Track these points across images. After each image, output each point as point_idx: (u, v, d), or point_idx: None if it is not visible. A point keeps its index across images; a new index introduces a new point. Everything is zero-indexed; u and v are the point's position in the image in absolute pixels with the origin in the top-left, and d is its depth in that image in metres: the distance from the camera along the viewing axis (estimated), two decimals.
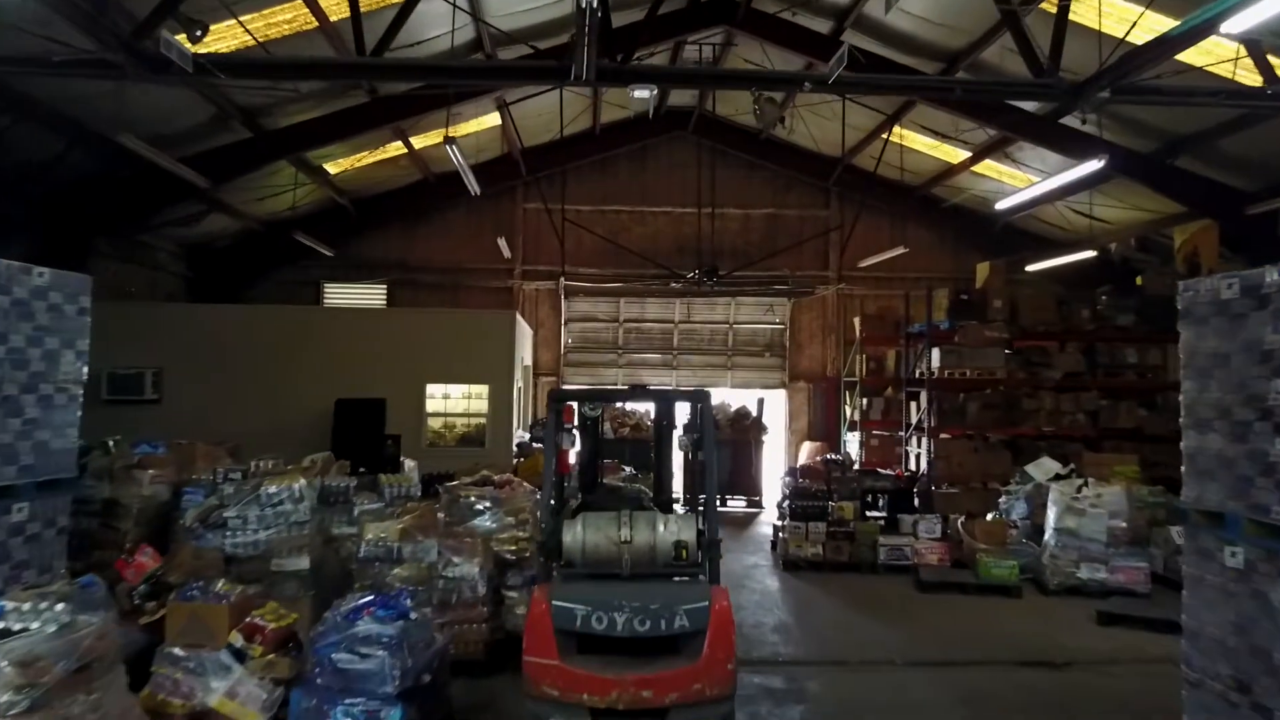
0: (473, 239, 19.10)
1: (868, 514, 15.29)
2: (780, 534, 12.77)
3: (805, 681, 7.74)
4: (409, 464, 10.61)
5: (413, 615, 6.07)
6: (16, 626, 4.69)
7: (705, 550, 5.92)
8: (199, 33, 8.73)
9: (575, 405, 7.18)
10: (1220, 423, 5.47)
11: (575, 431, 6.63)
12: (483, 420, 14.25)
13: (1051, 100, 10.73)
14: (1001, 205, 14.09)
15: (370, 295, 19.76)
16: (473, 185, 14.38)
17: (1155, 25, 9.60)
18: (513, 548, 8.06)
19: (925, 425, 15.51)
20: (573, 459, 7.64)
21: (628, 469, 12.72)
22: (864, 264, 18.48)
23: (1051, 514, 11.11)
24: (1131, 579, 10.68)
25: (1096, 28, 10.13)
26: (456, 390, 14.44)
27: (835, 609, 10.42)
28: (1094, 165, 11.64)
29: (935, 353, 15.40)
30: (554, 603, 5.42)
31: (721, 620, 5.50)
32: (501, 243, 16.38)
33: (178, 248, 18.11)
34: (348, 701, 5.73)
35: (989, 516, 12.69)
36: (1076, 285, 17.52)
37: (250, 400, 13.75)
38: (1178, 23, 8.63)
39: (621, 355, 20.19)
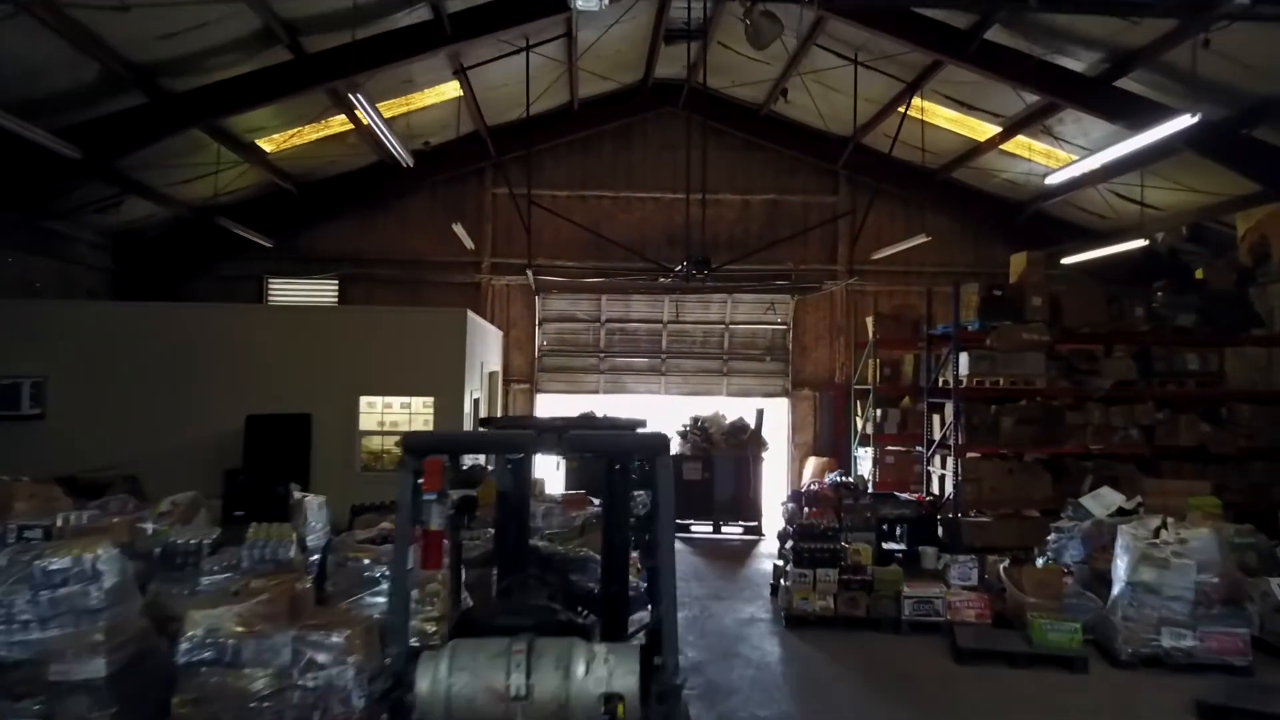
0: (435, 229, 16.89)
1: (884, 545, 13.15)
2: (782, 580, 10.53)
3: None
4: (312, 503, 8.37)
5: None
6: None
7: (658, 706, 3.60)
8: None
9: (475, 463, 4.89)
10: None
11: (443, 500, 4.24)
12: None
13: (1163, 14, 8.49)
14: (1053, 179, 11.83)
15: (320, 292, 17.57)
16: (403, 157, 12.25)
17: None
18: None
19: (951, 442, 13.26)
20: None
21: (596, 503, 10.48)
22: (878, 256, 16.24)
23: (1122, 563, 8.85)
24: (1227, 648, 8.43)
25: None
26: (398, 403, 12.21)
27: (852, 691, 8.17)
28: (1184, 121, 9.37)
29: (963, 358, 13.14)
30: None
31: None
32: (459, 230, 14.16)
33: (99, 237, 15.92)
34: None
35: (1039, 561, 10.43)
36: (1120, 281, 15.24)
37: (152, 416, 11.57)
38: None
39: (604, 360, 17.95)
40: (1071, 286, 13.46)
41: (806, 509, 12.75)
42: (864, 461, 16.43)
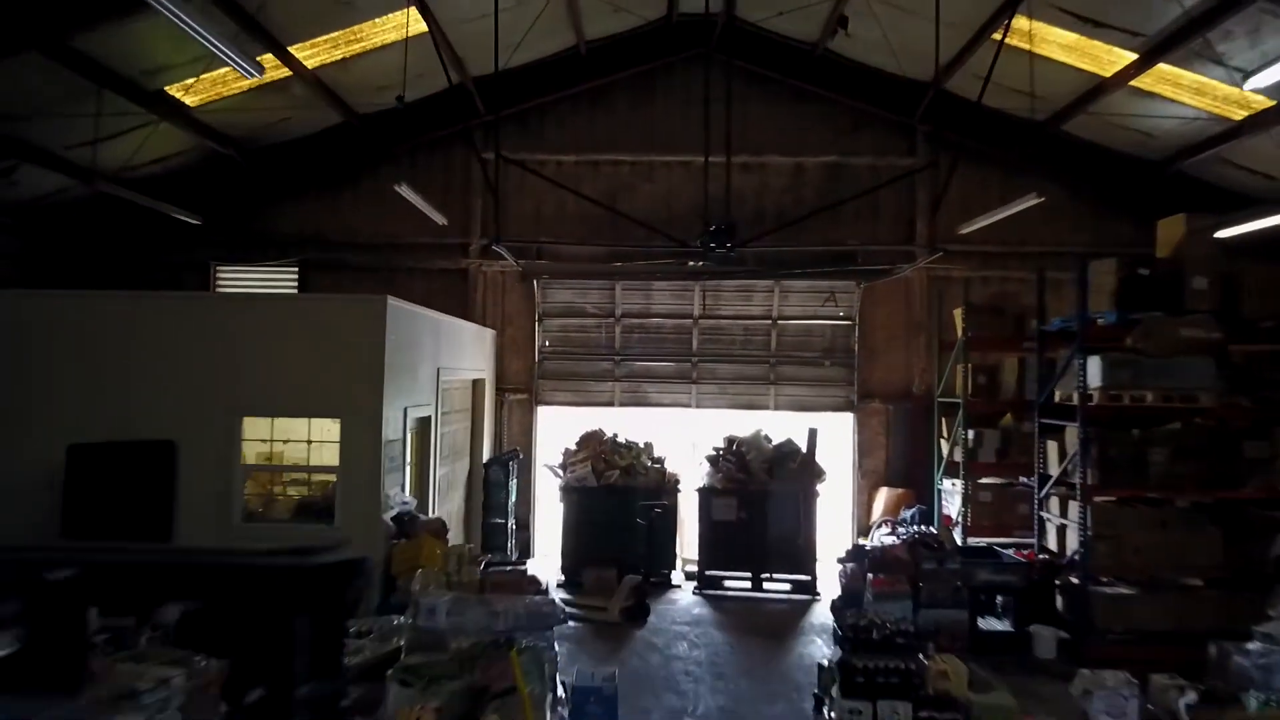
0: (413, 206, 13.52)
1: (979, 622, 9.52)
2: (825, 711, 6.90)
3: None
4: None
5: None
6: None
7: None
8: None
9: None
10: None
11: None
12: (332, 477, 8.72)
13: None
14: (1255, 83, 7.81)
15: (277, 280, 14.51)
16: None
17: None
18: None
19: (1076, 480, 9.48)
20: None
21: (551, 599, 7.07)
22: (967, 230, 12.44)
23: None
24: None
25: None
26: (297, 427, 8.93)
27: None
28: None
29: (1094, 364, 9.36)
30: None
31: None
32: (407, 192, 10.83)
33: (7, 218, 13.10)
34: None
35: (1252, 701, 6.58)
36: None
37: None
38: None
39: (620, 364, 14.48)
40: (1253, 265, 9.53)
41: (871, 575, 9.13)
42: (951, 497, 12.67)
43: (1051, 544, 10.36)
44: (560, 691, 6.08)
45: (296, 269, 14.42)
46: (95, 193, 13.06)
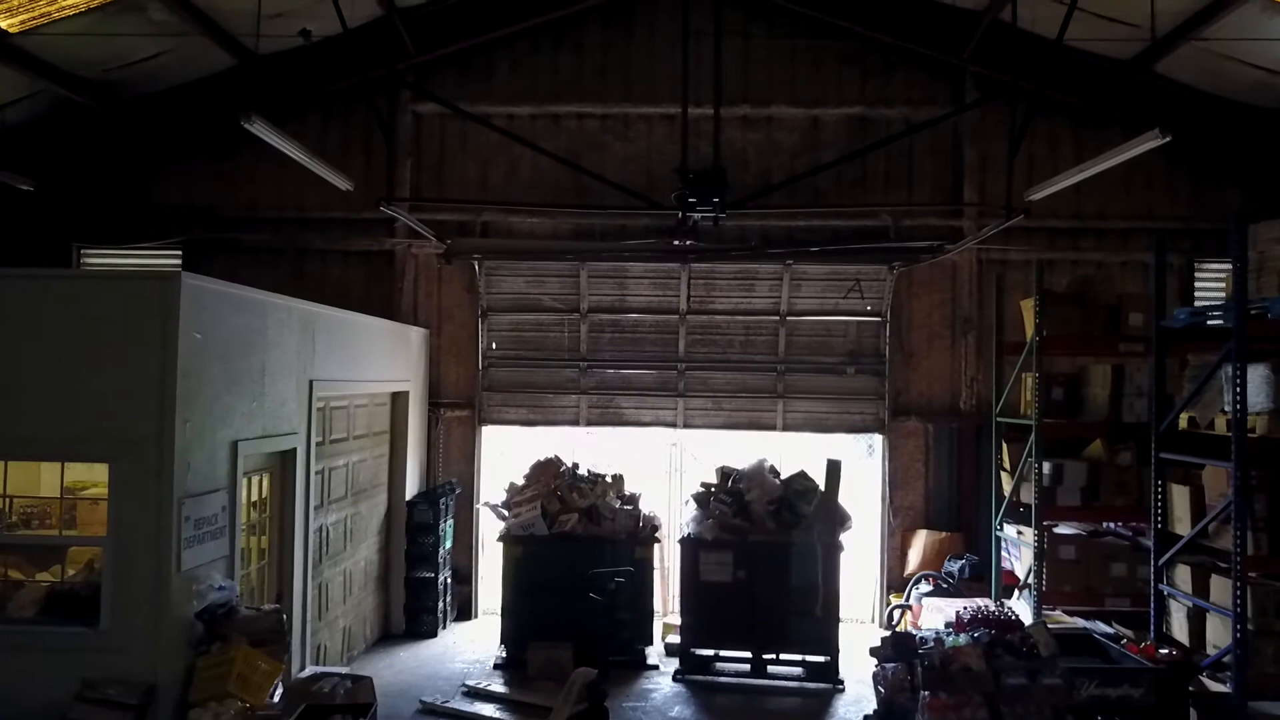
0: (326, 172, 10.48)
1: None
2: None
3: None
4: None
5: None
6: None
7: None
8: None
9: None
10: None
11: None
12: (97, 550, 5.66)
13: None
14: None
15: (157, 264, 11.53)
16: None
17: None
18: None
19: (1234, 546, 6.39)
20: None
21: None
22: (1037, 195, 9.36)
23: None
24: None
25: None
26: (44, 477, 5.91)
27: None
28: None
29: (1257, 374, 6.30)
30: None
31: None
32: (297, 154, 7.81)
33: None
34: None
35: None
36: None
37: None
38: None
39: (586, 372, 11.42)
40: None
41: (926, 694, 6.08)
42: (1016, 548, 9.58)
43: (1178, 632, 7.29)
44: None
45: (180, 251, 11.45)
46: None
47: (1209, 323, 6.97)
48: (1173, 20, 9.51)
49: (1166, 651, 7.08)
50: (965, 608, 7.29)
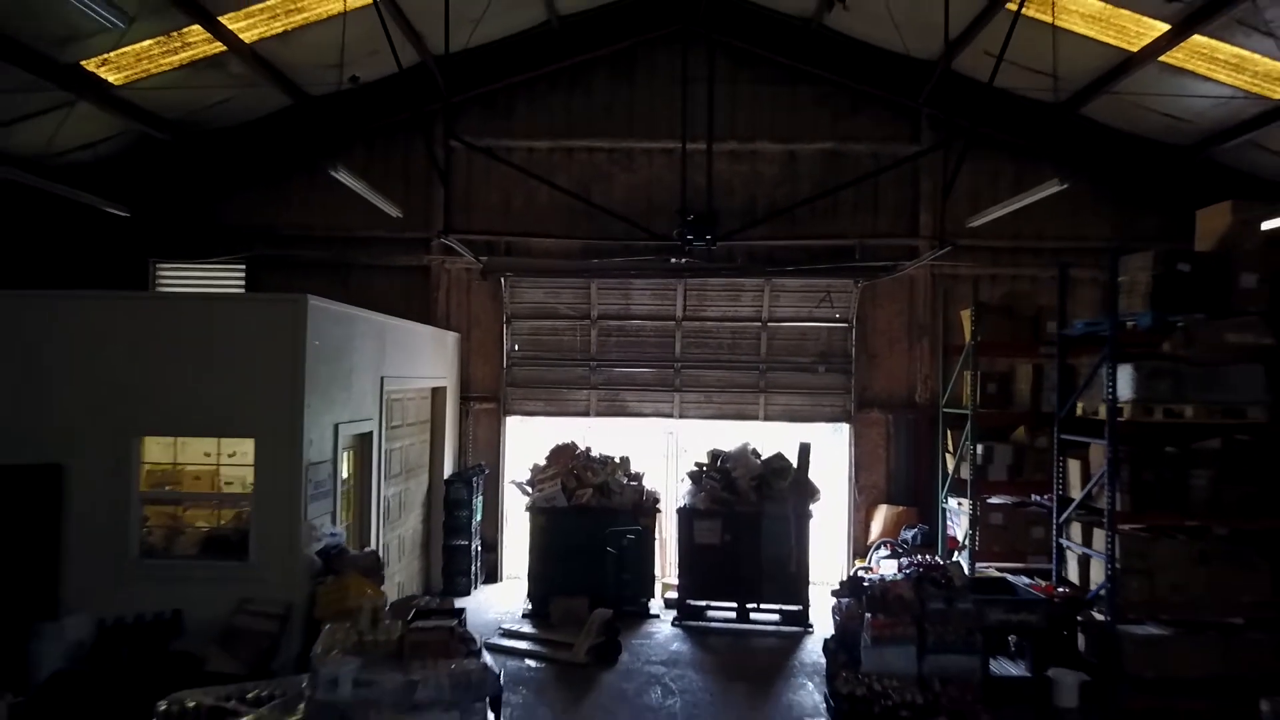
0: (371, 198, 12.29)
1: (991, 665, 8.40)
2: None
3: None
4: None
5: None
6: None
7: None
8: None
9: None
10: None
11: None
12: (245, 508, 7.50)
13: None
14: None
15: (223, 279, 13.30)
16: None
17: None
18: None
19: (1105, 505, 8.29)
20: None
21: (481, 656, 5.87)
22: (977, 222, 11.24)
23: None
24: None
25: None
26: (204, 448, 7.74)
27: None
28: None
29: (1125, 372, 8.18)
30: None
31: None
32: (345, 177, 9.59)
33: None
34: None
35: None
36: None
37: None
38: None
39: (596, 370, 13.27)
40: None
41: (869, 615, 7.96)
42: (957, 517, 11.48)
43: (1072, 575, 9.17)
44: None
45: (244, 266, 13.22)
46: (6, 181, 11.83)
47: (1098, 331, 8.82)
48: (1089, 75, 11.41)
49: (1063, 590, 8.96)
50: (905, 559, 9.17)
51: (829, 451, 12.92)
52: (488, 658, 5.69)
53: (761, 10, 12.73)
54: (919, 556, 9.40)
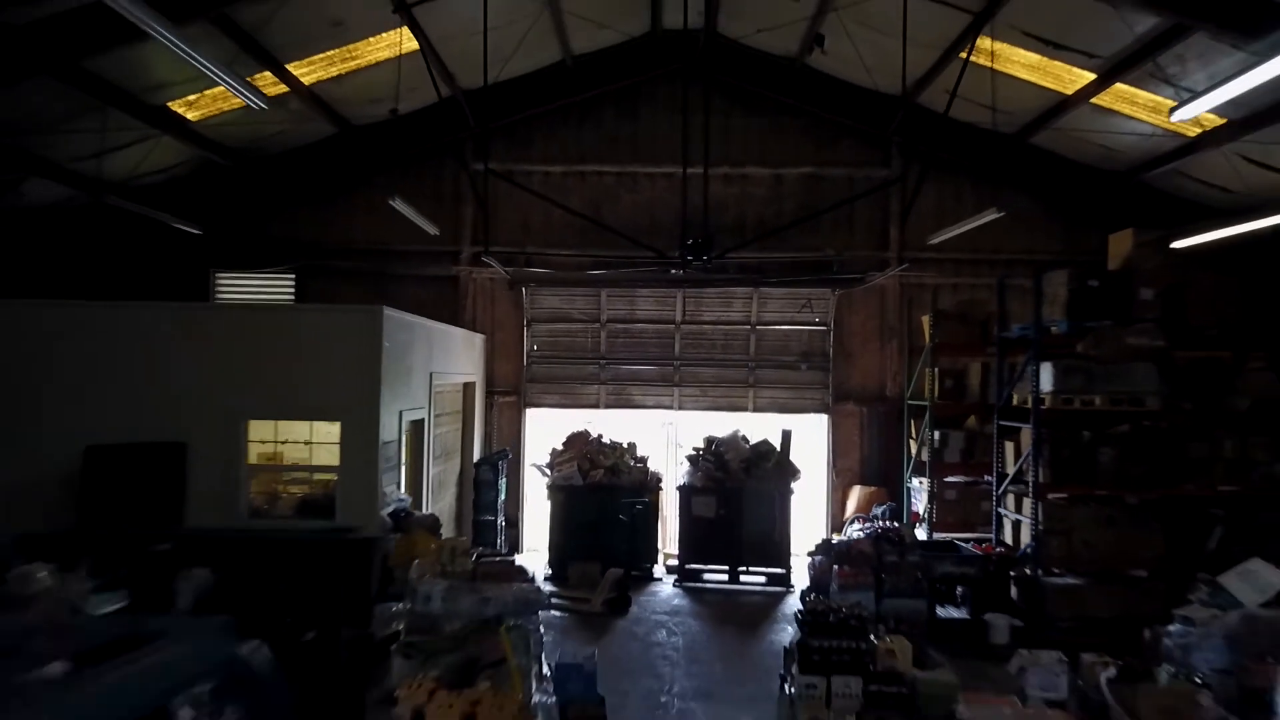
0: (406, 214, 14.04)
1: (939, 611, 10.14)
2: (786, 687, 7.51)
3: None
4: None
5: None
6: None
7: None
8: None
9: None
10: None
11: None
12: (332, 478, 9.26)
13: None
14: (1180, 115, 8.40)
15: (275, 287, 15.02)
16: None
17: None
18: None
19: (1030, 478, 10.10)
20: None
21: (528, 576, 7.62)
22: (936, 240, 13.04)
23: None
24: None
25: None
26: (299, 429, 9.50)
27: None
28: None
29: (1047, 369, 9.99)
30: None
31: None
32: (401, 206, 11.36)
33: (7, 224, 13.59)
34: None
35: (1163, 675, 7.20)
36: (1266, 270, 11.87)
37: None
38: None
39: (605, 367, 15.05)
40: (1197, 276, 10.15)
41: (837, 567, 9.74)
42: (919, 495, 13.28)
43: (1008, 538, 10.97)
44: (545, 670, 6.65)
45: (293, 275, 14.94)
46: (97, 202, 13.57)
47: (1028, 335, 10.59)
48: (1033, 112, 13.18)
49: (999, 549, 10.76)
50: (870, 524, 10.96)
51: (810, 439, 14.71)
52: (540, 583, 7.45)
53: (751, 51, 14.50)
54: (882, 524, 11.20)
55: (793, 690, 7.07)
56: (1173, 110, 8.07)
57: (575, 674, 6.43)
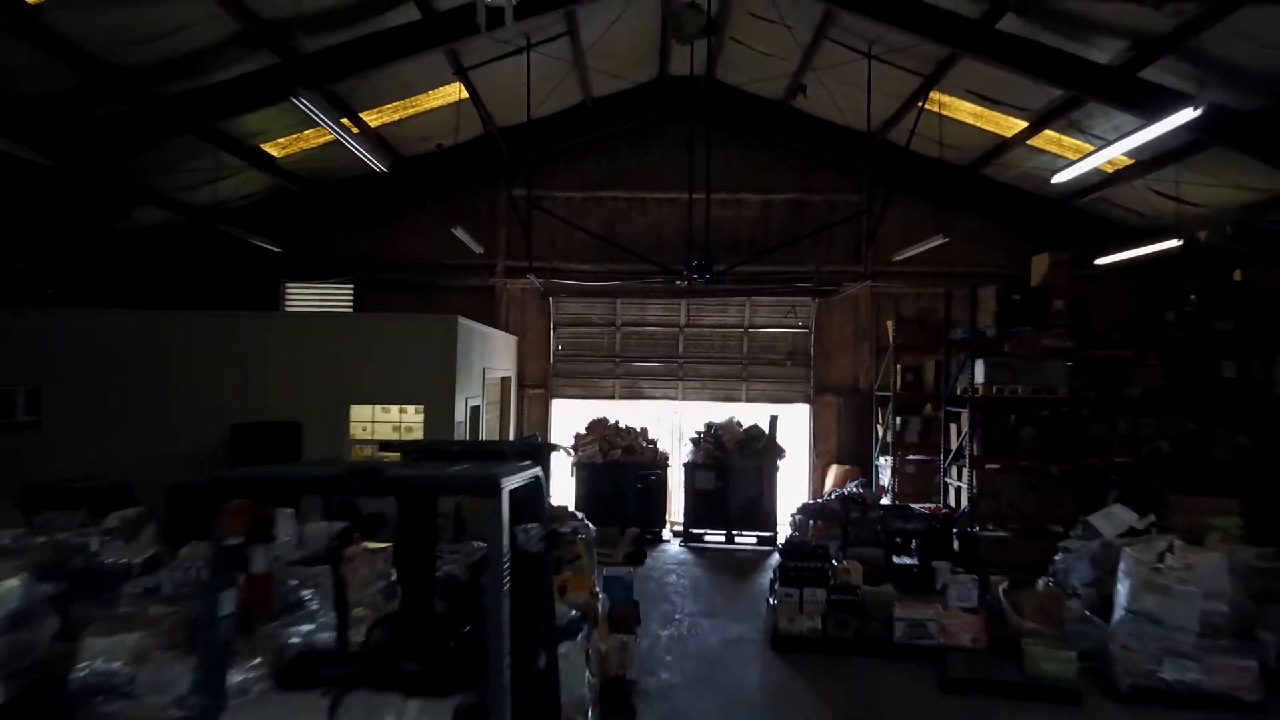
0: (448, 232, 16.50)
1: (895, 559, 12.65)
2: (769, 598, 10.09)
3: None
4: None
5: None
6: None
7: None
8: None
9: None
10: None
11: (265, 542, 3.92)
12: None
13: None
14: (1058, 179, 11.11)
15: (335, 296, 17.52)
16: (374, 163, 12.18)
17: None
18: None
19: (967, 453, 12.66)
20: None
21: (580, 517, 10.17)
22: (898, 257, 15.60)
23: (1124, 588, 8.26)
24: (1235, 683, 7.79)
25: None
26: (389, 412, 12.01)
27: None
28: (1185, 116, 8.72)
29: (980, 365, 12.54)
30: None
31: None
32: (461, 234, 13.88)
33: (113, 243, 16.05)
34: None
35: (1040, 584, 9.82)
36: (1160, 282, 14.43)
37: (143, 423, 11.55)
38: None
39: (619, 364, 17.60)
40: (1098, 289, 12.74)
41: (813, 522, 12.30)
42: (885, 471, 15.84)
43: (951, 501, 13.53)
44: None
45: (352, 286, 17.44)
46: (190, 223, 16.08)
47: (966, 338, 13.12)
48: (981, 150, 15.72)
49: (945, 510, 13.31)
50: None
51: (794, 425, 17.25)
52: (586, 524, 9.97)
53: (745, 95, 17.03)
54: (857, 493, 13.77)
55: (774, 601, 9.66)
56: (1081, 159, 10.66)
57: (619, 583, 8.95)
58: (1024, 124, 14.32)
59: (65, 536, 6.80)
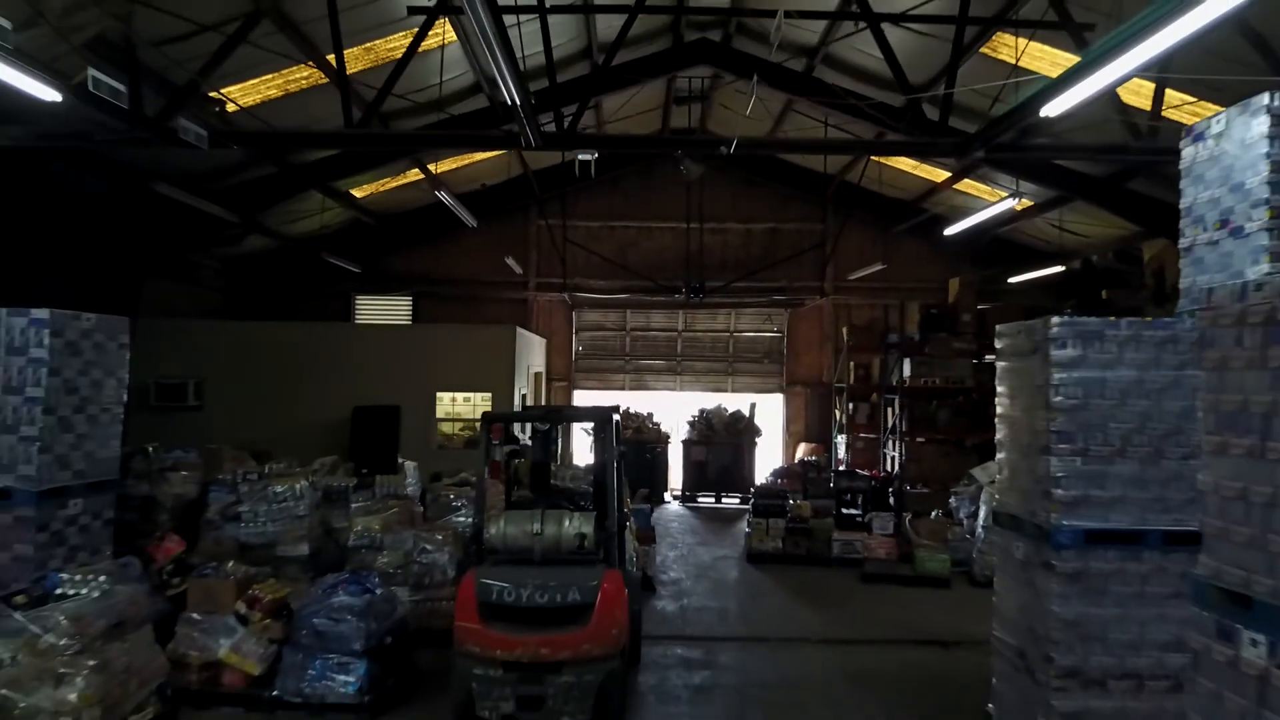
0: (490, 255, 20.47)
1: (844, 510, 16.61)
2: (746, 530, 14.12)
3: (720, 654, 9.11)
4: (409, 465, 12.15)
5: (377, 591, 7.60)
6: (70, 592, 6.26)
7: (603, 541, 7.28)
8: (216, 109, 10.31)
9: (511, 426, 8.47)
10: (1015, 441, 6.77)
11: (500, 447, 7.98)
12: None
13: (946, 155, 12.29)
14: (950, 231, 15.21)
15: (397, 307, 21.43)
16: (467, 219, 15.92)
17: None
18: None
19: (899, 430, 16.69)
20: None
21: None
22: (852, 276, 19.66)
23: (983, 512, 12.30)
24: None
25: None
26: (464, 397, 15.99)
27: (780, 596, 11.75)
28: (1006, 205, 12.89)
29: (907, 363, 16.57)
30: (478, 580, 6.86)
31: (608, 596, 6.84)
32: (510, 261, 17.90)
33: (219, 264, 19.93)
34: (325, 656, 7.27)
35: (933, 515, 13.89)
36: (1045, 299, 18.54)
37: (280, 407, 15.41)
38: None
39: (629, 362, 21.60)
40: (996, 305, 16.81)
41: (780, 480, 16.32)
42: (842, 446, 19.88)
43: (888, 467, 17.57)
44: None
45: (410, 298, 21.37)
46: (279, 247, 19.97)
47: (899, 341, 17.13)
48: (917, 191, 19.77)
49: (883, 474, 17.34)
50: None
51: (771, 411, 21.26)
52: None
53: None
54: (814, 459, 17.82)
55: (749, 529, 13.69)
56: (947, 229, 14.70)
57: (641, 514, 12.95)
58: (947, 174, 18.35)
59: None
